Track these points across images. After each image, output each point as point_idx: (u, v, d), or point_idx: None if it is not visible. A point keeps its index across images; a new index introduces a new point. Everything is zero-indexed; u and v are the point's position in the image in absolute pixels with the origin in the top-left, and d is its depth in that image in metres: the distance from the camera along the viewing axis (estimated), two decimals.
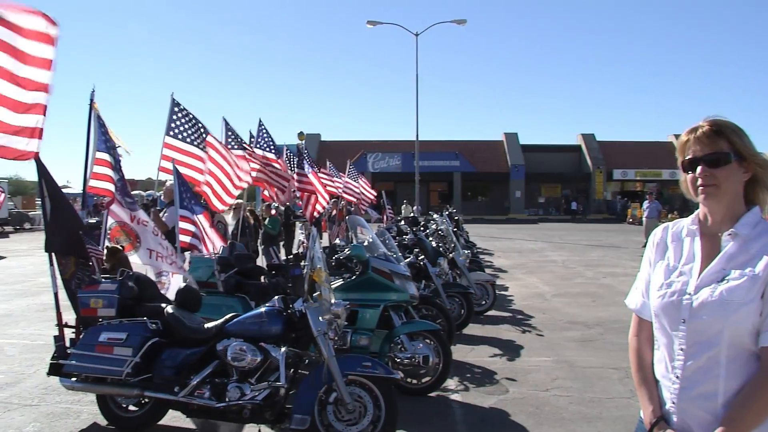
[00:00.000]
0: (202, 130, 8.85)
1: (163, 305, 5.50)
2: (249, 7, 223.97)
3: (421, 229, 14.30)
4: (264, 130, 12.31)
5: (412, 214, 21.29)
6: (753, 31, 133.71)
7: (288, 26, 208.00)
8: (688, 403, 2.09)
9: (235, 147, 10.34)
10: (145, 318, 5.36)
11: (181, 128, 8.55)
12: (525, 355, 8.10)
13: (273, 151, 12.20)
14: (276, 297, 5.14)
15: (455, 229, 14.15)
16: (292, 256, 8.98)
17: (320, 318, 4.77)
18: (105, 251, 6.72)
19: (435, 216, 15.58)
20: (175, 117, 8.53)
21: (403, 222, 16.27)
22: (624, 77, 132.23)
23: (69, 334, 5.79)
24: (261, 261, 11.59)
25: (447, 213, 16.88)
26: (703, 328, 2.06)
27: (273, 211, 15.15)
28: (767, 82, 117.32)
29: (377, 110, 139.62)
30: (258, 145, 11.91)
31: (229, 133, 10.45)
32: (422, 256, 9.15)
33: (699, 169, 2.13)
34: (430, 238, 11.75)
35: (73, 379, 5.43)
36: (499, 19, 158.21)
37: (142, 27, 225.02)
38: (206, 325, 5.29)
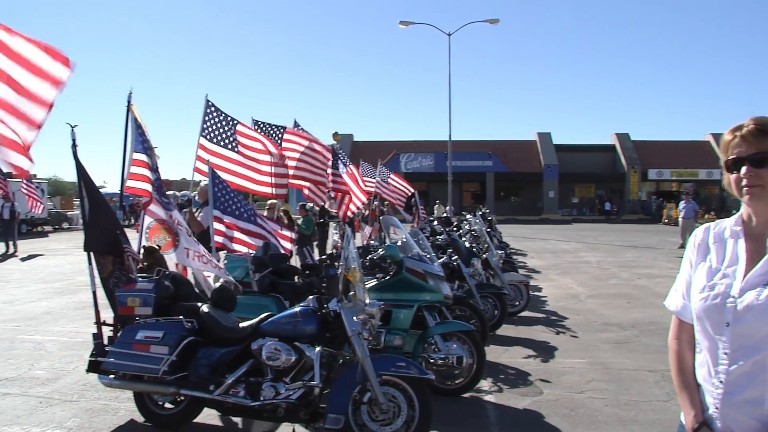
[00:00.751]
0: (232, 126, 8.90)
1: (199, 304, 5.56)
2: (281, 7, 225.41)
3: (454, 229, 14.26)
4: (301, 130, 12.36)
5: (444, 215, 21.22)
6: None
7: (320, 27, 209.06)
8: (733, 408, 2.05)
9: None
10: (181, 317, 5.43)
11: (213, 129, 8.63)
12: (559, 356, 8.02)
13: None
14: (310, 297, 5.17)
15: (488, 230, 14.08)
16: (326, 256, 8.99)
17: (354, 318, 4.77)
18: (142, 250, 6.79)
19: (468, 216, 15.52)
20: (208, 119, 8.61)
21: (436, 222, 16.23)
22: (659, 76, 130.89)
23: (107, 332, 5.89)
24: (294, 261, 11.65)
25: (480, 213, 16.80)
26: (748, 332, 2.01)
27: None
28: None
29: (410, 110, 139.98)
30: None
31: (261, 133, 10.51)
32: (456, 257, 9.11)
33: (744, 169, 2.08)
34: (464, 239, 11.71)
35: (111, 376, 5.51)
36: (531, 18, 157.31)
37: (179, 28, 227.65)
38: (241, 325, 5.33)
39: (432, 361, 6.41)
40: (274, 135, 11.28)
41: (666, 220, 43.06)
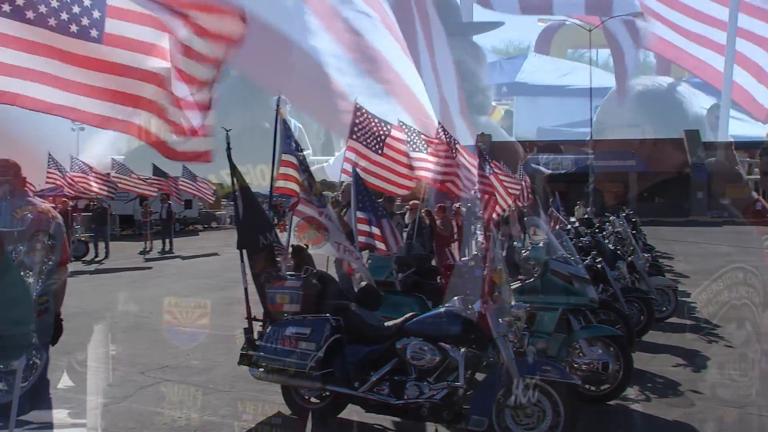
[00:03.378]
0: (383, 131, 9.06)
1: (345, 302, 5.69)
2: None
3: (596, 231, 13.84)
4: (443, 130, 12.37)
5: (586, 216, 20.55)
6: None
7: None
8: None
9: (415, 150, 10.52)
10: (327, 314, 5.56)
11: (361, 132, 8.82)
12: (712, 367, 7.58)
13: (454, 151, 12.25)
14: (455, 297, 5.18)
15: (633, 232, 13.54)
16: (470, 257, 8.97)
17: (500, 320, 4.74)
18: (291, 249, 7.03)
19: (612, 218, 15.02)
20: (357, 121, 8.81)
21: (577, 224, 15.82)
22: None
23: (257, 327, 6.15)
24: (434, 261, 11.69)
25: (624, 214, 16.20)
26: None
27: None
28: None
29: None
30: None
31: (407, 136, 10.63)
32: (600, 259, 8.83)
33: None
34: (607, 241, 11.34)
35: (261, 369, 5.72)
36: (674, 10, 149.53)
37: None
38: (386, 324, 5.41)
39: (576, 365, 6.23)
40: (415, 139, 11.37)
41: None
